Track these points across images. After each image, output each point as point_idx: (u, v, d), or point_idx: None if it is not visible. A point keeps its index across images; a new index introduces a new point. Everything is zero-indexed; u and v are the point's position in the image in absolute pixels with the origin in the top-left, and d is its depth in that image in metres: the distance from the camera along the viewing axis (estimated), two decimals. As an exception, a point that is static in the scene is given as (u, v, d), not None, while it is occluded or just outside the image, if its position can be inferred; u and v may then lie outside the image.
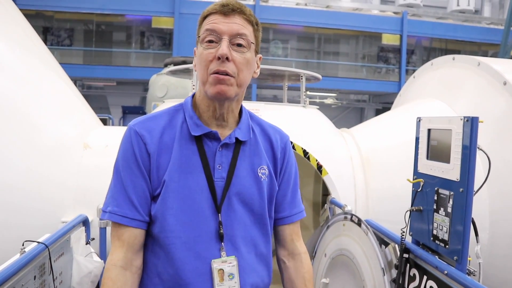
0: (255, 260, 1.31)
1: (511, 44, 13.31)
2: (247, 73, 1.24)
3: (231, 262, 1.24)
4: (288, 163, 1.41)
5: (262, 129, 1.40)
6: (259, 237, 1.32)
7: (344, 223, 2.39)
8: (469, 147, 1.65)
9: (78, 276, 2.23)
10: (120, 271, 1.21)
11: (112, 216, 1.23)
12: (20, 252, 1.73)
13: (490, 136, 3.00)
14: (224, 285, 1.22)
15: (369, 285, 2.10)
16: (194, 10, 16.01)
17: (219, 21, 1.20)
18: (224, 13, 1.20)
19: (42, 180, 3.03)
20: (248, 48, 1.23)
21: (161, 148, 1.25)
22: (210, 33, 1.20)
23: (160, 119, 1.30)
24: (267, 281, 1.36)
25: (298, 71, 3.72)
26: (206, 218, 1.24)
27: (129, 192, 1.23)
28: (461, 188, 1.68)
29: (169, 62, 9.31)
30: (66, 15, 16.38)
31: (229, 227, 1.25)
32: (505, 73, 3.23)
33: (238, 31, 1.20)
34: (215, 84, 1.19)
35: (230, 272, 1.23)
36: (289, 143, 1.45)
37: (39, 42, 3.78)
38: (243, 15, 1.23)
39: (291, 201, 1.43)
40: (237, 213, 1.27)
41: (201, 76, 1.23)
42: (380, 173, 3.50)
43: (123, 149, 1.28)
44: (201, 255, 1.22)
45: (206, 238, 1.23)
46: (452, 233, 1.73)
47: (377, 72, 19.22)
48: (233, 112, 1.31)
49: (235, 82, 1.21)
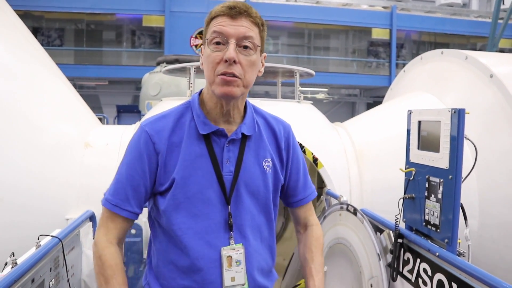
0: (260, 246, 1.42)
1: (499, 36, 13.51)
2: (252, 74, 1.31)
3: (239, 250, 1.34)
4: (294, 151, 1.51)
5: (266, 121, 1.49)
6: (264, 225, 1.43)
7: (340, 213, 2.49)
8: (457, 137, 1.76)
9: (87, 269, 2.32)
10: (116, 248, 1.35)
11: (106, 203, 1.36)
12: (36, 246, 1.82)
13: (478, 127, 3.12)
14: (232, 270, 1.33)
15: (365, 270, 2.21)
16: (185, 8, 16.03)
17: (226, 24, 1.25)
18: (232, 16, 1.25)
19: (45, 180, 3.10)
20: (255, 50, 1.29)
21: (169, 147, 1.33)
22: (217, 35, 1.25)
23: (169, 118, 1.37)
24: (271, 263, 1.48)
25: (292, 68, 3.82)
26: (216, 210, 1.33)
27: (125, 185, 1.34)
28: (450, 175, 1.79)
29: (161, 61, 9.36)
30: (56, 15, 16.30)
31: (237, 217, 1.35)
32: (492, 66, 3.35)
33: (245, 34, 1.25)
34: (222, 85, 1.25)
35: (237, 259, 1.34)
36: (292, 131, 1.54)
37: (36, 43, 3.84)
38: (250, 17, 1.27)
39: (304, 184, 1.55)
40: (245, 203, 1.37)
41: (208, 76, 1.29)
42: (374, 165, 3.61)
43: (131, 145, 1.37)
44: (211, 244, 1.33)
45: (216, 228, 1.33)
46: (442, 217, 1.84)
47: (367, 66, 19.37)
48: (238, 108, 1.38)
49: (241, 83, 1.28)
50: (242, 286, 1.34)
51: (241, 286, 1.34)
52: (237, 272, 1.33)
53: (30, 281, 1.63)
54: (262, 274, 1.42)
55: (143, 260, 3.01)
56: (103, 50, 17.16)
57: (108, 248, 1.33)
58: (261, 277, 1.41)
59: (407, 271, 2.03)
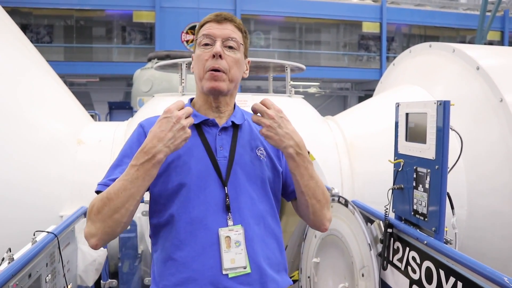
0: (264, 232, 1.38)
1: (487, 29, 13.64)
2: (237, 71, 1.42)
3: (238, 231, 1.32)
4: None
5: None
6: (267, 212, 1.41)
7: (332, 204, 2.53)
8: (443, 128, 1.81)
9: (83, 264, 2.35)
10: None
11: (98, 185, 1.34)
12: (32, 242, 1.84)
13: (465, 119, 3.19)
14: (231, 251, 1.29)
15: (357, 260, 2.26)
16: (175, 3, 15.97)
17: (214, 27, 1.41)
18: (218, 21, 1.42)
19: (39, 176, 3.12)
20: (238, 49, 1.42)
21: None
22: (206, 37, 1.40)
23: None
24: (279, 256, 1.42)
25: (283, 62, 3.85)
26: (213, 193, 1.34)
27: (117, 171, 1.35)
28: (437, 165, 1.84)
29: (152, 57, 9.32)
30: (45, 11, 16.16)
31: (235, 200, 1.35)
32: (478, 59, 3.41)
33: (230, 35, 1.40)
34: (210, 80, 1.37)
35: (236, 240, 1.30)
36: None
37: (27, 41, 3.84)
38: (234, 23, 1.44)
39: None
40: (243, 187, 1.38)
41: (199, 74, 1.41)
42: (364, 157, 3.66)
43: (129, 139, 1.44)
44: (209, 227, 1.31)
45: (214, 211, 1.33)
46: (430, 207, 1.89)
47: (358, 60, 19.45)
48: (227, 105, 1.47)
49: (227, 78, 1.39)
50: (243, 269, 1.30)
51: (243, 269, 1.30)
52: (237, 253, 1.30)
53: (27, 276, 1.66)
54: (269, 264, 1.37)
55: (137, 255, 3.03)
56: (93, 47, 17.06)
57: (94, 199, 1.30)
58: (268, 266, 1.36)
59: (397, 259, 2.08)
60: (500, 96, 3.11)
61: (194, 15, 15.42)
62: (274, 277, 1.36)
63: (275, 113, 1.31)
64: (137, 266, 3.03)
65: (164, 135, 1.21)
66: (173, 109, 1.22)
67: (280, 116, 1.32)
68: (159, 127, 1.22)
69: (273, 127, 1.30)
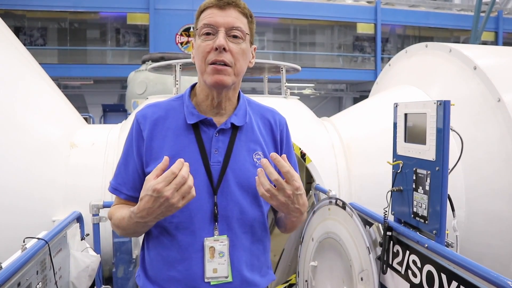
0: (251, 241, 1.38)
1: (481, 29, 13.68)
2: (243, 63, 1.32)
3: (223, 241, 1.31)
4: (288, 145, 1.50)
5: (261, 113, 1.48)
6: (256, 220, 1.39)
7: (330, 207, 2.49)
8: (443, 128, 1.78)
9: (75, 271, 2.29)
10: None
11: (109, 187, 1.42)
12: (22, 249, 1.79)
13: (463, 119, 3.16)
14: (214, 262, 1.30)
15: (355, 264, 2.22)
16: (170, 5, 15.93)
17: (216, 15, 1.27)
18: (220, 6, 1.27)
19: (32, 180, 3.06)
20: (244, 39, 1.30)
21: (153, 134, 1.34)
22: (207, 26, 1.27)
23: (160, 107, 1.39)
24: (263, 259, 1.43)
25: (278, 63, 3.82)
26: (202, 200, 1.30)
27: (122, 170, 1.39)
28: (437, 167, 1.80)
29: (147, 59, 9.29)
30: (38, 13, 16.06)
31: (224, 209, 1.32)
32: (475, 59, 3.39)
33: (234, 24, 1.27)
34: (213, 74, 1.26)
35: (220, 251, 1.30)
36: (287, 126, 1.53)
37: (19, 44, 3.78)
38: (238, 8, 1.29)
39: None
40: (234, 195, 1.33)
41: (199, 66, 1.30)
42: (361, 159, 3.63)
43: (129, 132, 1.41)
44: (196, 234, 1.30)
45: (202, 218, 1.31)
46: (430, 209, 1.85)
47: (353, 61, 19.48)
48: (230, 100, 1.37)
49: (232, 71, 1.28)
50: (225, 278, 1.31)
51: (224, 279, 1.31)
52: (220, 264, 1.31)
53: (16, 285, 1.60)
54: (252, 270, 1.38)
55: (132, 260, 2.98)
56: (87, 49, 16.97)
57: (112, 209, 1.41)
58: (250, 273, 1.37)
59: (396, 263, 2.04)
60: (498, 96, 3.08)
61: (189, 17, 15.39)
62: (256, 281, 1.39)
63: (293, 191, 1.19)
64: (132, 271, 2.98)
65: (153, 211, 1.16)
66: (161, 189, 1.10)
67: (297, 193, 1.21)
68: (146, 203, 1.14)
69: (286, 204, 1.22)
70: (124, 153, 1.40)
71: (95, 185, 3.18)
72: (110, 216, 1.40)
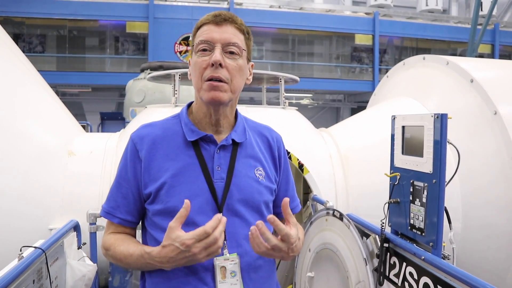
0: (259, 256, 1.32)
1: (478, 42, 13.79)
2: (240, 79, 1.30)
3: (234, 260, 1.26)
4: (285, 162, 1.51)
5: (258, 131, 1.48)
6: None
7: (327, 218, 2.49)
8: (440, 141, 1.79)
9: (72, 280, 2.28)
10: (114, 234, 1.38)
11: (101, 211, 1.38)
12: (18, 258, 1.78)
13: (460, 131, 3.17)
14: (226, 282, 1.24)
15: (352, 275, 2.22)
16: (169, 14, 16.00)
17: (212, 31, 1.26)
18: (217, 23, 1.26)
19: (29, 188, 3.06)
20: (240, 55, 1.28)
21: (152, 154, 1.31)
22: (203, 42, 1.26)
23: (156, 127, 1.37)
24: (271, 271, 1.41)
25: (277, 74, 3.84)
26: (208, 219, 1.23)
27: (115, 193, 1.35)
28: (434, 179, 1.82)
29: (145, 67, 9.30)
30: (37, 21, 16.09)
31: (231, 226, 1.28)
32: (472, 71, 3.42)
33: (230, 40, 1.26)
34: (209, 90, 1.25)
35: (232, 270, 1.26)
36: (283, 143, 1.53)
37: (18, 51, 3.79)
38: (235, 24, 1.29)
39: (292, 196, 1.51)
40: (239, 211, 1.31)
41: (196, 83, 1.29)
42: (359, 170, 3.64)
43: (123, 155, 1.37)
44: None
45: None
46: (427, 221, 1.86)
47: (351, 72, 19.56)
48: (227, 117, 1.36)
49: (229, 88, 1.27)
50: None
51: None
52: (233, 284, 1.25)
53: (13, 294, 1.60)
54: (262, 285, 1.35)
55: (128, 269, 2.96)
56: (86, 57, 16.99)
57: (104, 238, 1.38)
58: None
59: (393, 275, 2.04)
60: (494, 109, 3.11)
61: (188, 26, 15.45)
62: None
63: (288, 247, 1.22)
64: (128, 281, 2.96)
65: (174, 261, 1.16)
66: (191, 245, 1.12)
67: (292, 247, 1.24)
68: (171, 253, 1.15)
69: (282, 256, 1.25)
70: (118, 177, 1.36)
71: (92, 194, 3.18)
72: (106, 246, 1.34)
